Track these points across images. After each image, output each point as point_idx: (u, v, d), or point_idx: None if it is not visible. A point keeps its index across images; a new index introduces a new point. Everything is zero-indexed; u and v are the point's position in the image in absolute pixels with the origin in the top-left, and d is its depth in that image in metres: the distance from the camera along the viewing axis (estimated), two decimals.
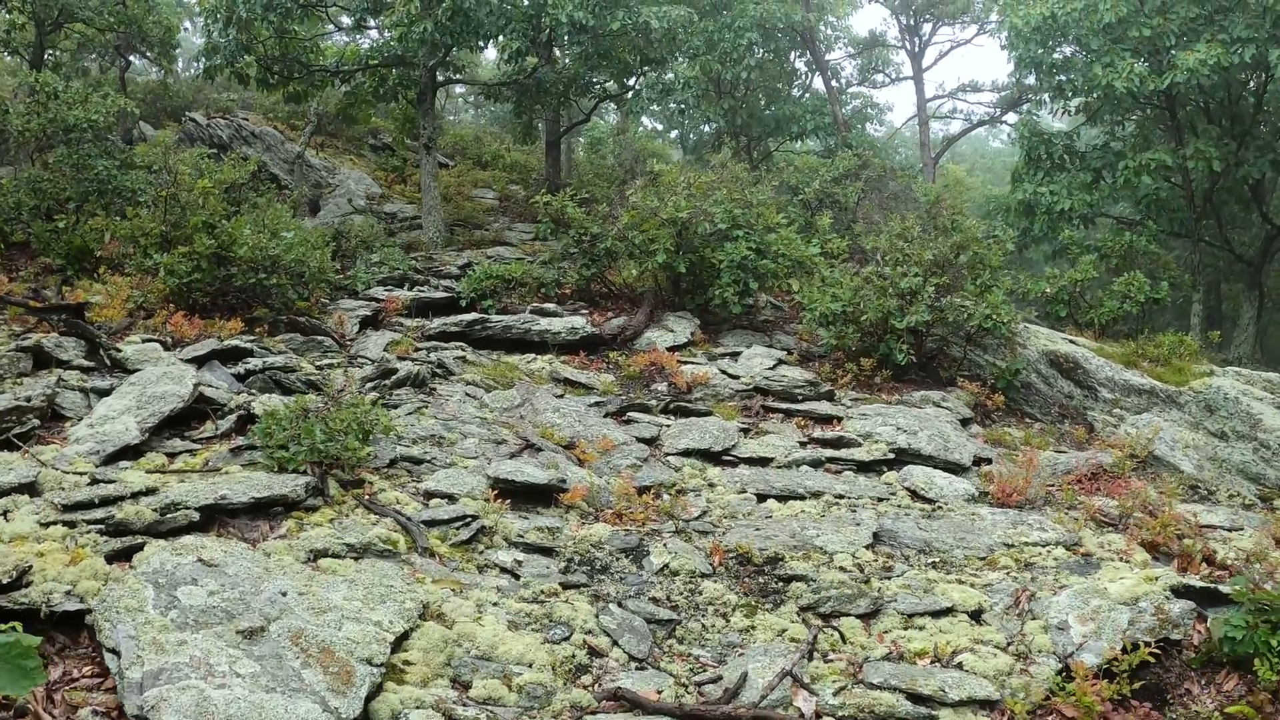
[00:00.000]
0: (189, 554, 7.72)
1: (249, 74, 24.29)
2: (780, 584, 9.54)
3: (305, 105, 29.23)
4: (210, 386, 12.75)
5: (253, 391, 12.98)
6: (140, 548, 7.91)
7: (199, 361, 13.47)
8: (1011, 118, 34.19)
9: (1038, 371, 18.02)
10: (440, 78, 24.87)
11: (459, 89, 42.66)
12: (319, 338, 15.98)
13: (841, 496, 12.16)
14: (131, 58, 32.80)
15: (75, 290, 16.69)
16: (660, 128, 41.13)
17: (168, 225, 17.11)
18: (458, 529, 9.44)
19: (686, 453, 12.96)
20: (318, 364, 14.61)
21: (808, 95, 31.99)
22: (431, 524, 9.42)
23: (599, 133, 38.36)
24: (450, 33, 21.55)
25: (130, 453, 10.60)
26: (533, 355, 17.02)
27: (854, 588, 9.38)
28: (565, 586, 8.88)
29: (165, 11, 29.91)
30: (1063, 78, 23.81)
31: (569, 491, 10.65)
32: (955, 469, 13.75)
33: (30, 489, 9.09)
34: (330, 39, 29.08)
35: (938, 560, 10.53)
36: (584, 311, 19.28)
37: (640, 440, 13.12)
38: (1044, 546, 10.96)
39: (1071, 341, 19.59)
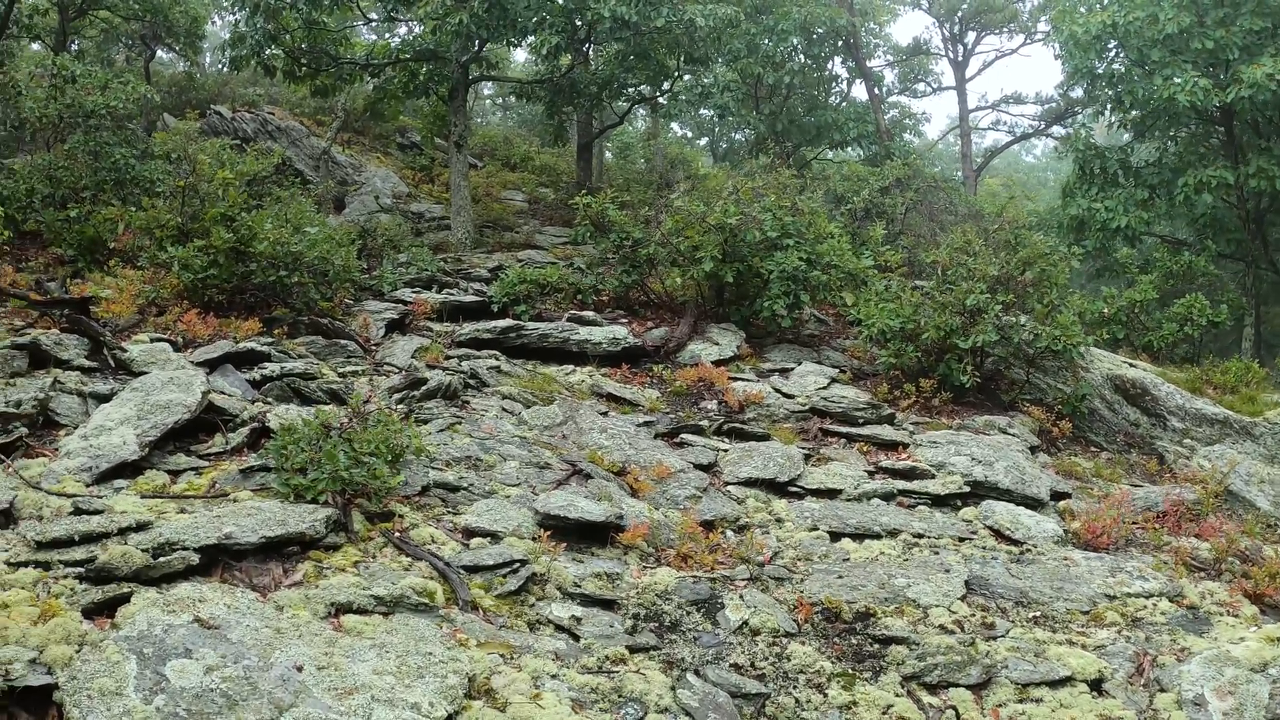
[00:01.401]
0: (184, 611, 6.13)
1: (275, 65, 22.72)
2: (876, 646, 7.94)
3: (333, 100, 27.67)
4: (222, 393, 11.18)
5: (269, 400, 11.40)
6: (126, 598, 6.31)
7: (211, 365, 11.90)
8: (1058, 131, 32.51)
9: (1102, 397, 16.42)
10: (473, 74, 23.24)
11: (487, 90, 41.04)
12: (342, 342, 14.39)
13: (920, 536, 10.62)
14: (158, 49, 31.28)
15: (85, 283, 15.17)
16: (690, 135, 39.50)
17: (185, 217, 15.55)
18: (504, 576, 7.76)
19: (749, 482, 11.33)
20: (340, 371, 13.01)
21: (845, 103, 30.31)
22: (473, 570, 7.77)
23: (628, 138, 36.73)
24: (486, 25, 19.96)
25: (128, 470, 9.03)
26: (571, 366, 15.41)
27: (961, 652, 7.81)
28: (633, 650, 7.23)
29: (192, 2, 28.31)
30: (1120, 88, 22.01)
31: (628, 530, 9.00)
32: (1033, 504, 12.22)
33: (6, 515, 7.50)
34: (360, 34, 27.44)
35: (1039, 615, 9.05)
36: (623, 320, 17.66)
37: (697, 467, 11.48)
38: (1147, 598, 9.51)
39: (1130, 364, 18.01)
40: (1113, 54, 22.38)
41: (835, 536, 10.33)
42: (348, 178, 27.69)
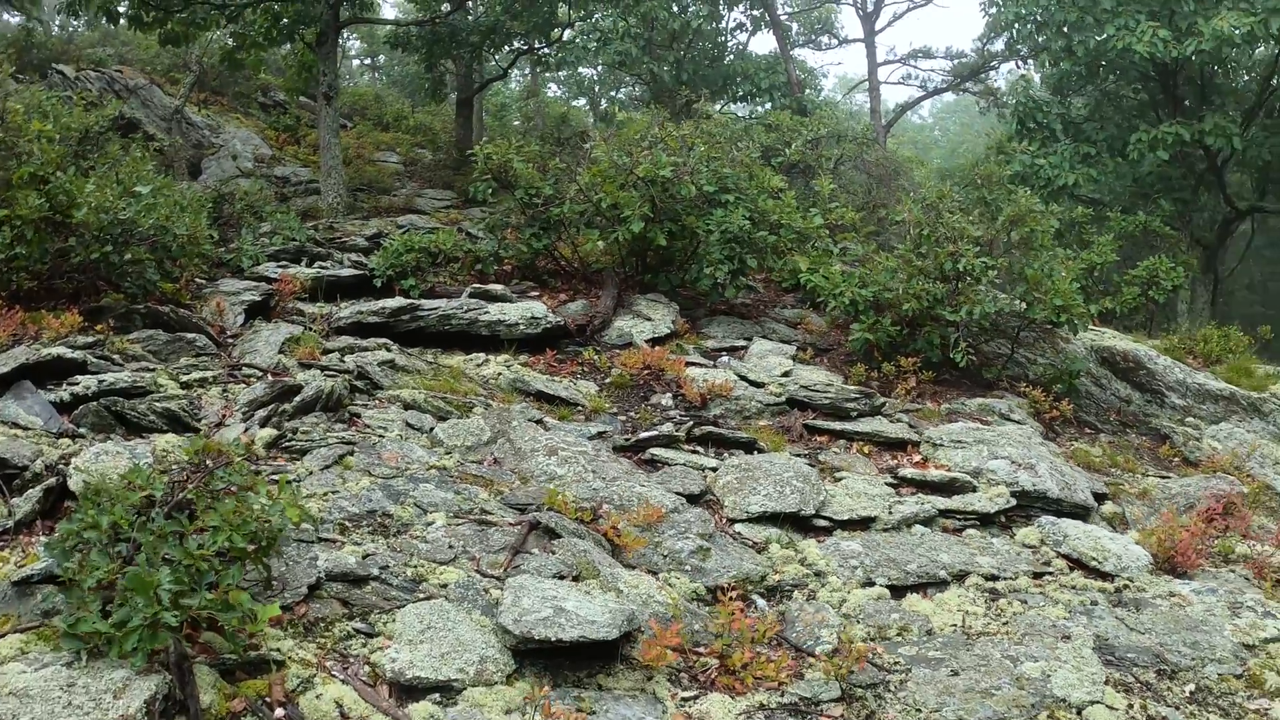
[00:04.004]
0: None
1: (118, 10, 18.16)
2: None
3: (187, 52, 23.07)
4: (15, 426, 7.25)
5: (81, 430, 7.45)
6: None
7: (4, 383, 7.87)
8: (971, 86, 29.41)
9: (1088, 372, 13.36)
10: (344, 15, 19.04)
11: (354, 49, 36.34)
12: (189, 335, 10.34)
13: (994, 577, 7.48)
14: None
15: None
16: (567, 94, 35.43)
17: None
18: None
19: (762, 518, 7.73)
20: (184, 378, 9.01)
21: (738, 58, 26.60)
22: None
23: (504, 98, 32.61)
24: None
25: None
26: (482, 355, 11.60)
27: None
28: None
29: None
30: (1074, 38, 18.84)
31: (649, 640, 5.30)
32: (1081, 512, 9.35)
33: None
34: None
35: (1194, 689, 6.17)
36: (533, 293, 13.92)
37: (689, 500, 7.83)
38: None
39: (1106, 333, 15.05)
40: (1054, 2, 19.13)
41: (897, 591, 7.02)
42: (204, 140, 23.28)
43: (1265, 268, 36.17)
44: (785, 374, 11.50)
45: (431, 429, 8.66)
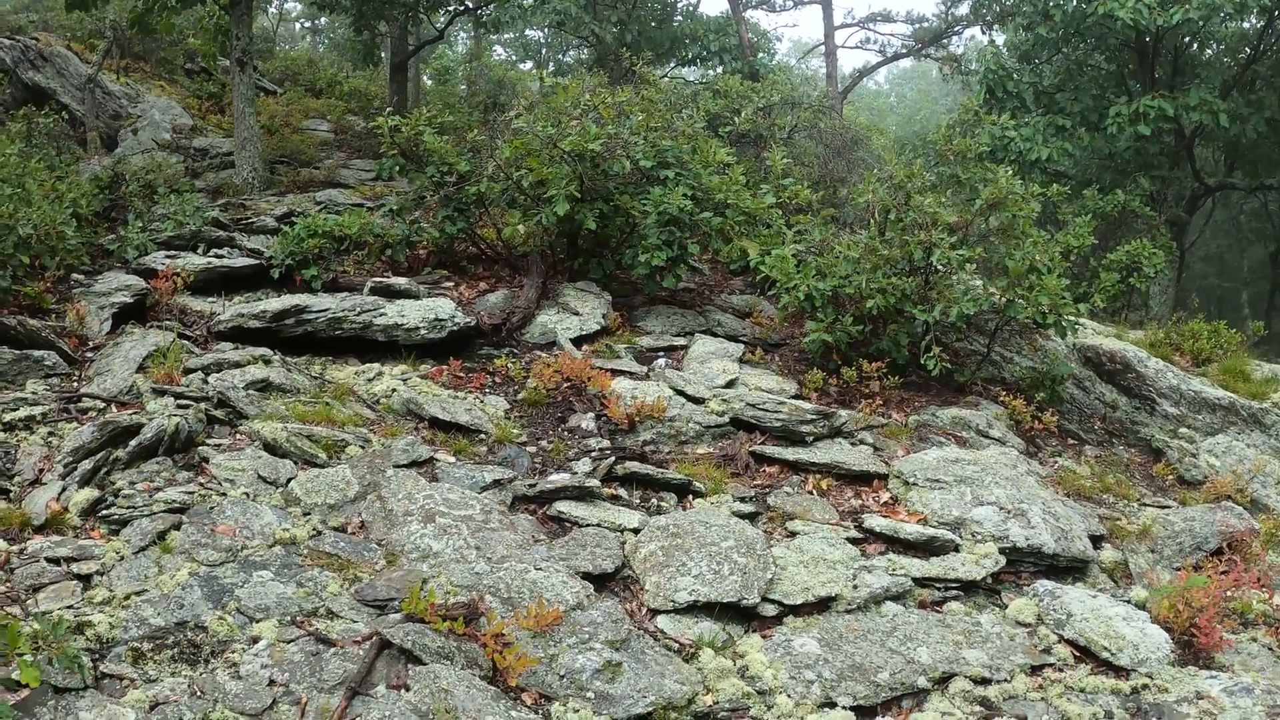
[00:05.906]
0: None
1: None
2: None
3: (101, 17, 20.79)
4: None
5: None
6: None
7: None
8: (929, 51, 27.39)
9: (1071, 374, 11.54)
10: None
11: (294, 9, 33.75)
12: (37, 353, 8.34)
13: (985, 680, 5.74)
14: None
15: None
16: (514, 57, 33.15)
17: None
18: None
19: (692, 609, 5.83)
20: (9, 415, 7.06)
21: (688, 19, 24.52)
22: None
23: (447, 61, 30.26)
24: None
25: None
26: (376, 365, 9.57)
27: None
28: None
29: None
30: (1050, 1, 16.94)
31: None
32: (1078, 568, 7.56)
33: None
34: None
35: None
36: (447, 284, 11.92)
37: (596, 582, 5.91)
38: None
39: (1096, 330, 13.24)
40: None
41: (865, 713, 5.24)
42: (121, 110, 20.95)
43: (1222, 240, 34.65)
44: (730, 383, 9.62)
45: (289, 481, 6.70)
